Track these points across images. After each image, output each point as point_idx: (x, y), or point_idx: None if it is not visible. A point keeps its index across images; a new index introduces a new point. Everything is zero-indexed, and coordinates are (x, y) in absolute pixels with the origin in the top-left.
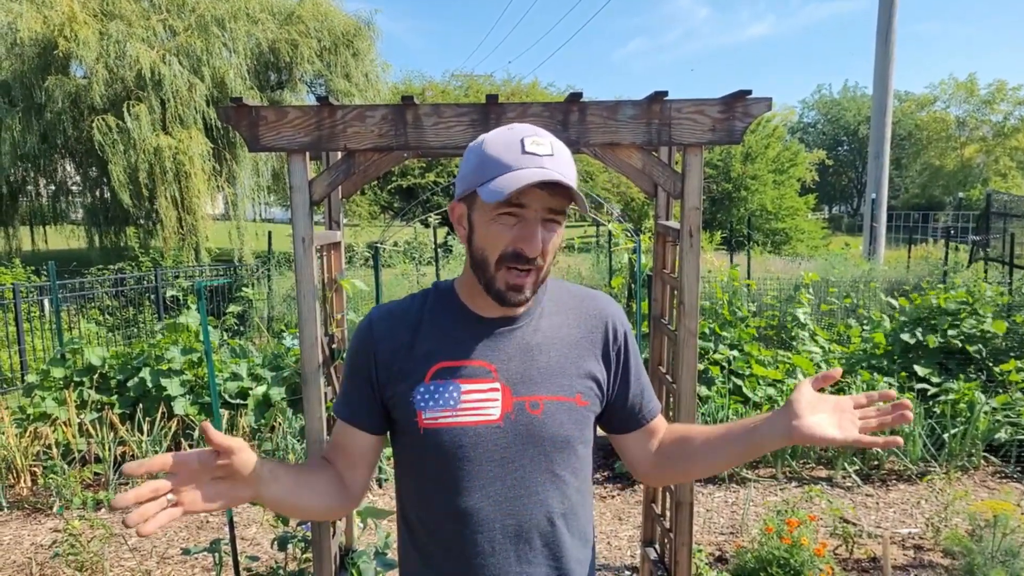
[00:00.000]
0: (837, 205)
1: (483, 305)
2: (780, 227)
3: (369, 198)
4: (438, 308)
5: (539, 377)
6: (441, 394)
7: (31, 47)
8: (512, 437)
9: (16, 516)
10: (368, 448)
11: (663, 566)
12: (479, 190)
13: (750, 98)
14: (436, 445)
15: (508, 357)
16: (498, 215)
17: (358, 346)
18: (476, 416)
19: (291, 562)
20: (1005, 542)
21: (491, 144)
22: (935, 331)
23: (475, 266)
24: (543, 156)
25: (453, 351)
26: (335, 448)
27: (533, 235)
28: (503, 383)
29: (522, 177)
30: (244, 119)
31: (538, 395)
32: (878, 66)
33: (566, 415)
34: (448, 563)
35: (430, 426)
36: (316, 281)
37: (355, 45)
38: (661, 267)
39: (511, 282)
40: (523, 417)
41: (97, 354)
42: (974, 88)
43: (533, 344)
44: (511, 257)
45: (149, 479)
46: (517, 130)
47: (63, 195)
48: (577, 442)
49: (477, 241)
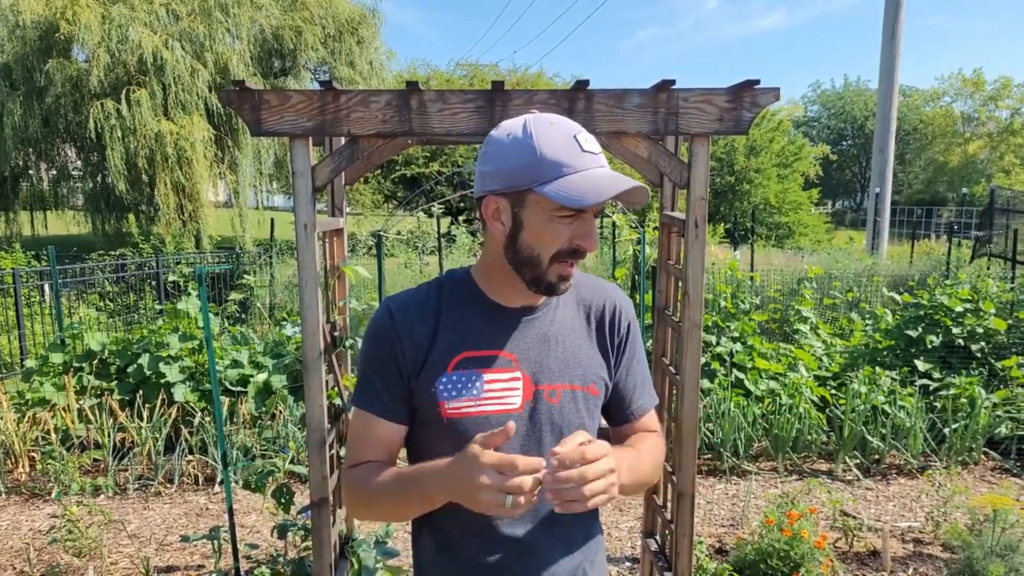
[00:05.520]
0: (841, 200)
1: (507, 295)
2: (783, 221)
3: (373, 187)
4: (457, 298)
5: (556, 366)
6: (464, 384)
7: (33, 30)
8: (532, 425)
9: (14, 501)
10: (399, 440)
11: (664, 557)
12: (543, 190)
13: (758, 88)
14: (459, 434)
15: (528, 347)
16: (558, 215)
17: (381, 337)
18: (499, 405)
19: (291, 550)
20: (1004, 536)
21: (545, 141)
22: (938, 327)
23: (522, 262)
24: (598, 154)
25: (475, 341)
26: (378, 445)
27: (592, 232)
28: (524, 372)
29: (603, 182)
30: (246, 103)
31: (556, 384)
32: (884, 60)
33: (582, 404)
34: (472, 547)
35: (454, 415)
36: (318, 268)
37: (359, 32)
38: (666, 258)
39: (563, 273)
40: (543, 406)
41: (97, 340)
42: (981, 84)
43: (550, 334)
44: (568, 253)
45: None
46: (564, 126)
47: (64, 180)
48: (590, 430)
49: (528, 238)
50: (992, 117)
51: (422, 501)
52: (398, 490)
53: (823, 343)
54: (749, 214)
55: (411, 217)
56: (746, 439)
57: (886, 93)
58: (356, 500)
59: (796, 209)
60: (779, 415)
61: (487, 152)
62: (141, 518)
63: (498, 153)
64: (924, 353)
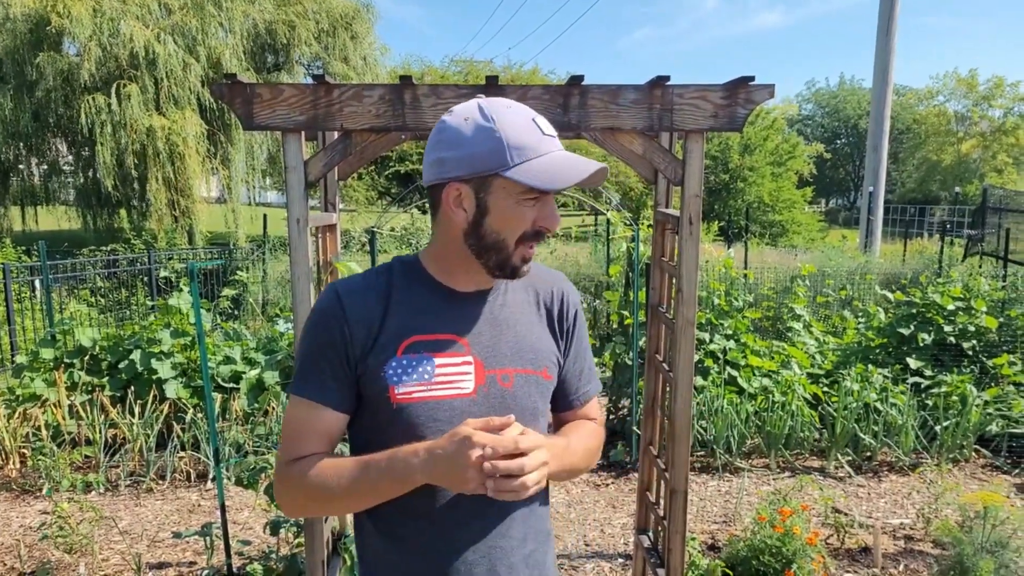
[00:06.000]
0: (834, 198)
1: (460, 281)
2: (777, 219)
3: (366, 183)
4: (407, 282)
5: (508, 351)
6: (415, 368)
7: (23, 23)
8: (485, 410)
9: (4, 498)
10: (343, 429)
11: (656, 553)
12: (511, 175)
13: (753, 85)
14: (409, 420)
15: (479, 331)
16: (524, 199)
17: (329, 322)
18: (450, 390)
19: (284, 546)
20: (994, 533)
21: (508, 126)
22: (930, 325)
23: (486, 247)
24: (556, 137)
25: (426, 325)
26: (321, 436)
27: (554, 212)
28: (476, 357)
29: (570, 165)
30: (238, 96)
31: (508, 368)
32: (878, 58)
33: (534, 388)
34: (421, 538)
35: (404, 401)
36: (311, 263)
37: (353, 28)
38: (660, 255)
39: (526, 256)
40: (495, 390)
41: (88, 336)
42: (974, 84)
43: (502, 319)
44: (532, 235)
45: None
46: (521, 110)
47: (55, 175)
48: (542, 415)
49: (493, 223)
50: (985, 116)
51: (393, 486)
52: (363, 479)
53: (816, 341)
54: (743, 212)
55: (405, 214)
56: (739, 436)
57: (880, 92)
58: (298, 495)
59: (790, 207)
60: (772, 412)
61: (444, 139)
62: (133, 514)
63: (458, 140)
64: (916, 351)
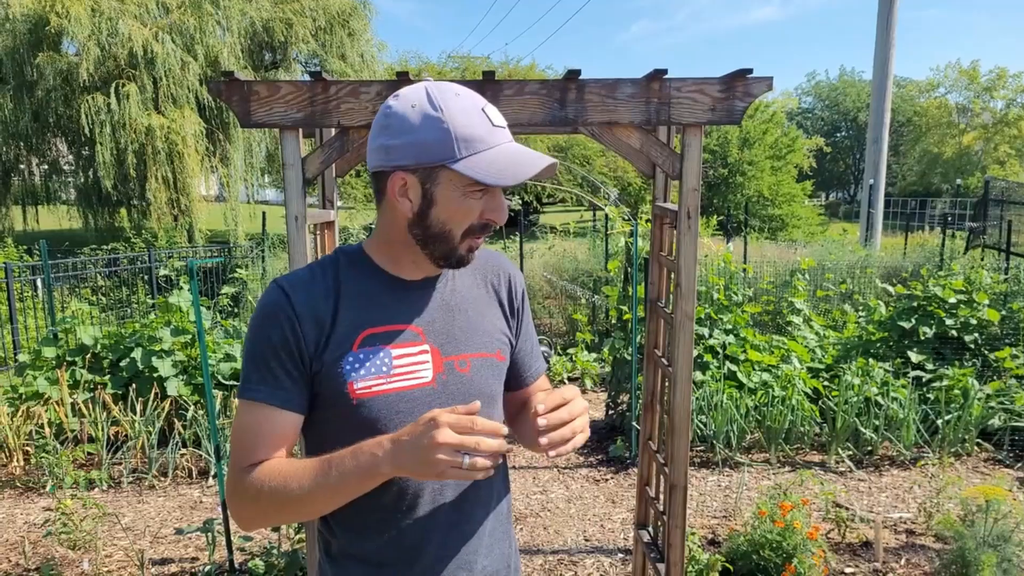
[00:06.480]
0: (834, 191)
1: (408, 269)
2: (777, 213)
3: (364, 180)
4: (354, 274)
5: (462, 335)
6: (372, 361)
7: (22, 23)
8: (445, 398)
9: (8, 495)
10: (297, 431)
11: (656, 548)
12: (458, 167)
13: (751, 77)
14: (370, 414)
15: (432, 318)
16: (471, 191)
17: (277, 320)
18: (409, 380)
19: (284, 542)
20: (996, 527)
21: (457, 116)
22: (932, 319)
23: (432, 237)
24: (505, 128)
25: (379, 317)
26: (276, 440)
27: (502, 205)
28: (432, 344)
29: (520, 159)
30: (235, 94)
31: (464, 353)
32: (878, 51)
33: (490, 371)
34: (382, 534)
35: (364, 395)
36: (309, 259)
37: (351, 25)
38: (658, 250)
39: (473, 246)
40: (453, 377)
41: (89, 334)
42: (976, 75)
43: (453, 304)
44: (480, 228)
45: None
46: (470, 97)
47: (56, 175)
48: (499, 397)
49: (439, 215)
50: (987, 108)
51: (360, 482)
52: (326, 478)
53: (816, 335)
54: (742, 206)
55: None
56: (739, 431)
57: (880, 84)
58: (255, 504)
59: (790, 201)
60: (772, 407)
61: (390, 125)
62: (135, 511)
63: (404, 127)
64: (917, 344)
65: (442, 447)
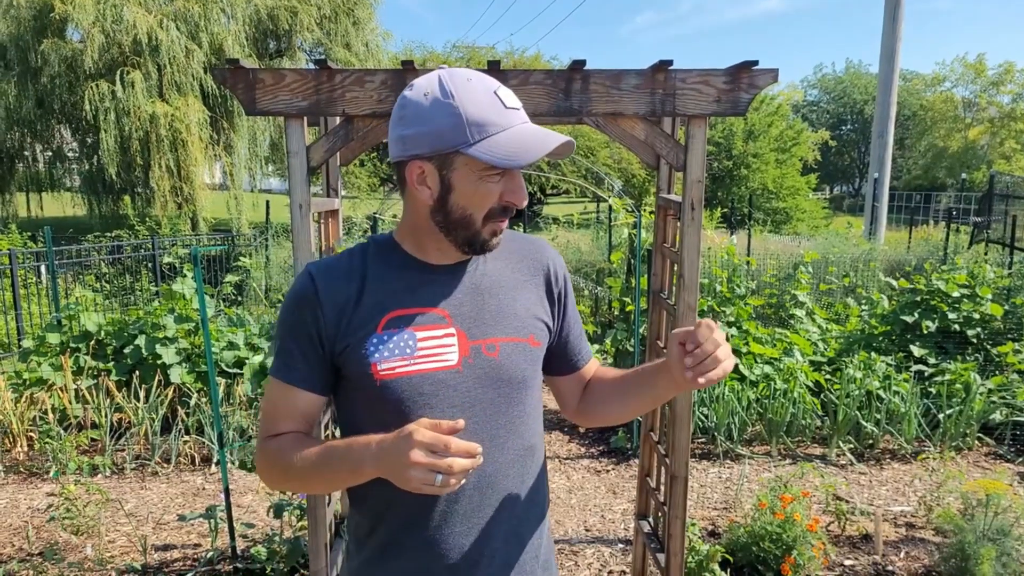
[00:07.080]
0: (839, 185)
1: (433, 255)
2: (781, 206)
3: (368, 170)
4: (382, 260)
5: (491, 320)
6: (396, 343)
7: (27, 9)
8: (472, 382)
9: (12, 480)
10: (318, 408)
11: (656, 539)
12: (472, 152)
13: (756, 69)
14: (394, 396)
15: (459, 302)
16: (488, 175)
17: (301, 304)
18: (434, 363)
19: (287, 529)
20: (996, 521)
21: (468, 101)
22: (935, 313)
23: (453, 224)
24: (520, 109)
25: (404, 300)
26: (296, 415)
27: (521, 187)
28: (458, 328)
29: (533, 140)
30: (240, 82)
31: (493, 337)
32: (885, 44)
33: (522, 356)
34: (407, 514)
35: (387, 376)
36: (313, 248)
37: (355, 13)
38: (662, 241)
39: (496, 230)
40: (481, 360)
41: (93, 321)
42: (983, 69)
43: (483, 288)
44: (500, 211)
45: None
46: (483, 81)
47: (60, 162)
48: (532, 382)
49: (458, 200)
50: (993, 102)
51: (350, 475)
52: (325, 463)
53: (819, 328)
54: (746, 199)
55: None
56: (740, 423)
57: (886, 77)
58: (273, 471)
59: (794, 194)
60: (773, 400)
61: (405, 115)
62: (138, 497)
63: (418, 116)
64: (920, 339)
65: (415, 466)
